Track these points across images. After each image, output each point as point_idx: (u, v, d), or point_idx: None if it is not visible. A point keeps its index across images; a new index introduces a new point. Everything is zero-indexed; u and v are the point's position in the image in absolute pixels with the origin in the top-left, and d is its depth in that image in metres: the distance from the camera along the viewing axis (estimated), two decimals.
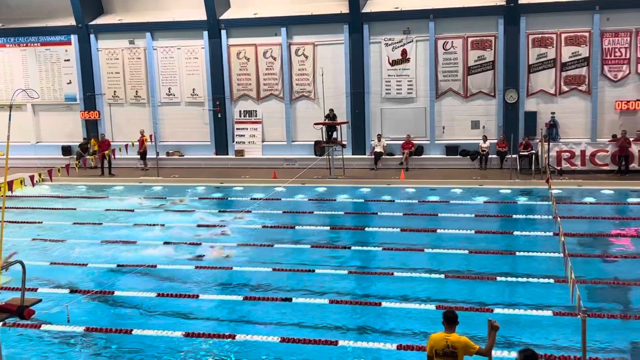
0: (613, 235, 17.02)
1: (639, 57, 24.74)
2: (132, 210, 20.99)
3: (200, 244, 16.85)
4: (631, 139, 23.73)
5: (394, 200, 21.54)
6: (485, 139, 25.88)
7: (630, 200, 20.82)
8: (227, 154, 29.42)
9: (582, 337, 8.19)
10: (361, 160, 27.33)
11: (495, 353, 8.48)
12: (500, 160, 25.59)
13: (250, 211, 19.90)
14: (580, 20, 25.16)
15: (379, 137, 27.06)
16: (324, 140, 25.91)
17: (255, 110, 29.18)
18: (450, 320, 7.83)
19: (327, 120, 25.98)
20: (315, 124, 25.88)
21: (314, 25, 27.80)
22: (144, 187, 25.17)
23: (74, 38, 30.55)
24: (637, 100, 24.73)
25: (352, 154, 27.49)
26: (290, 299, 12.94)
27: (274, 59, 28.57)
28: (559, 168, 24.15)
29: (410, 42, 26.92)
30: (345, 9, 27.28)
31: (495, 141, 25.89)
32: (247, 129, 29.30)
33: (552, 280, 13.50)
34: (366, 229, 18.42)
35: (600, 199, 21.00)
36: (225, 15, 29.00)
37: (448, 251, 15.89)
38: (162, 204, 22.13)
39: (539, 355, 7.15)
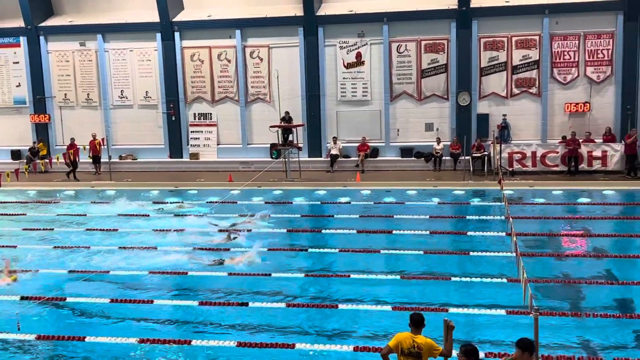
0: (563, 235, 17.39)
1: (587, 60, 25.38)
2: (85, 215, 20.61)
3: (156, 247, 16.62)
4: (580, 140, 24.32)
5: (350, 202, 21.61)
6: (439, 141, 26.21)
7: (579, 200, 21.32)
8: (182, 157, 29.11)
9: (534, 335, 8.33)
10: (317, 162, 27.37)
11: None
12: (453, 161, 25.94)
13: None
14: (530, 24, 25.69)
15: (335, 139, 27.14)
16: (280, 142, 25.86)
17: (210, 113, 28.94)
18: (416, 322, 7.95)
19: (282, 123, 25.94)
20: (271, 126, 25.82)
21: (269, 28, 27.74)
22: (96, 192, 24.71)
23: (23, 40, 29.82)
24: (586, 102, 25.36)
25: (308, 157, 27.51)
26: (246, 304, 12.85)
27: (229, 61, 28.39)
28: (510, 169, 24.59)
29: (364, 45, 27.09)
30: (299, 12, 27.30)
31: (449, 143, 26.24)
32: (202, 131, 29.05)
33: (505, 280, 13.72)
34: (323, 231, 18.43)
35: (550, 199, 21.46)
36: (178, 17, 28.71)
37: (404, 252, 16.02)
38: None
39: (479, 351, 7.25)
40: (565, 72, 25.67)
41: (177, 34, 28.51)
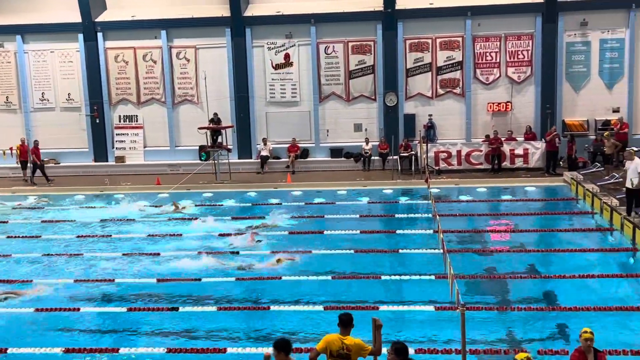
0: (488, 231, 17.88)
1: (508, 61, 26.19)
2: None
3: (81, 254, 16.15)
4: (503, 139, 25.06)
5: (281, 203, 21.59)
6: (367, 141, 26.51)
7: (503, 197, 21.99)
8: (107, 161, 28.39)
9: (461, 330, 8.54)
10: (247, 164, 27.21)
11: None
12: (382, 161, 26.29)
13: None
14: (453, 26, 26.31)
15: (265, 140, 27.06)
16: (209, 144, 25.59)
17: (136, 115, 28.35)
18: (345, 323, 7.89)
19: (211, 125, 25.67)
20: (200, 128, 25.50)
21: (195, 29, 27.40)
22: (18, 198, 23.81)
23: None
24: (507, 102, 26.16)
25: (238, 158, 27.32)
26: (177, 308, 12.66)
27: (154, 62, 27.89)
28: (437, 168, 25.12)
29: (292, 46, 27.12)
30: (226, 13, 27.08)
31: (377, 143, 26.57)
32: (127, 134, 28.42)
33: (433, 277, 14.00)
34: (261, 234, 18.30)
35: (475, 196, 22.04)
36: (101, 18, 27.99)
37: (334, 252, 16.13)
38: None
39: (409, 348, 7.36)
40: (487, 73, 26.41)
41: (100, 35, 27.80)
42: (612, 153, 23.20)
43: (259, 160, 26.85)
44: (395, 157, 25.28)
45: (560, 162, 24.74)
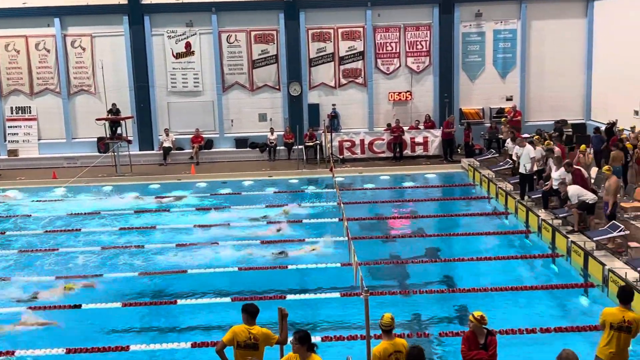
0: (391, 218, 18.29)
1: (407, 52, 26.78)
2: None
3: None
4: (404, 128, 25.64)
5: (186, 196, 21.23)
6: (272, 131, 26.45)
7: (405, 184, 22.55)
8: None
9: (365, 315, 8.73)
10: (149, 156, 26.52)
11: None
12: (287, 151, 26.33)
13: None
14: (354, 16, 26.61)
15: (167, 131, 26.46)
16: (108, 136, 24.76)
17: (29, 107, 27.02)
18: (251, 313, 7.87)
19: (110, 116, 24.85)
20: (97, 119, 24.62)
21: (91, 16, 26.35)
22: None
23: None
24: (408, 91, 26.76)
25: (140, 150, 26.57)
26: (79, 306, 12.25)
27: (48, 51, 26.64)
28: (341, 157, 25.43)
29: (193, 35, 26.61)
30: (123, 0, 26.21)
31: (282, 133, 26.58)
32: (20, 126, 27.04)
33: (339, 264, 14.21)
34: (157, 227, 17.96)
35: (379, 184, 22.49)
36: None
37: (241, 243, 16.05)
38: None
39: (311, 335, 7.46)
40: (388, 63, 26.91)
41: None
42: (507, 139, 24.21)
43: (161, 151, 26.25)
44: (300, 146, 25.38)
45: (458, 149, 25.62)
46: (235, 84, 26.91)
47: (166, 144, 26.19)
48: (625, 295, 8.43)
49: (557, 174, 16.12)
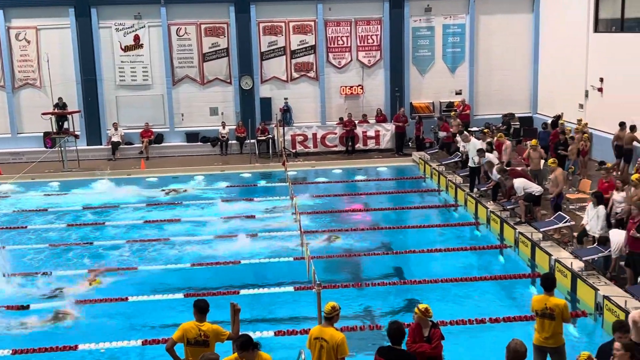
0: (344, 211, 18.37)
1: (358, 46, 26.89)
2: None
3: None
4: (356, 122, 25.77)
5: (136, 190, 20.93)
6: (224, 125, 26.25)
7: (357, 177, 22.69)
8: None
9: (318, 309, 8.77)
10: (97, 151, 26.00)
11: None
12: (240, 145, 26.16)
13: None
14: (305, 10, 26.57)
15: (116, 125, 25.98)
16: (54, 131, 24.19)
17: None
18: (201, 309, 7.81)
19: (56, 110, 24.26)
20: (43, 113, 24.00)
21: (36, 8, 25.63)
22: None
23: None
24: (359, 85, 26.89)
25: (87, 145, 26.02)
26: (27, 306, 11.96)
27: None
28: (294, 151, 25.40)
29: (142, 27, 26.16)
30: None
31: (234, 127, 26.40)
32: None
33: (292, 259, 14.22)
34: (106, 223, 17.66)
35: (331, 177, 22.57)
36: None
37: (195, 238, 15.93)
38: None
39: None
40: (339, 57, 26.98)
41: None
42: (457, 133, 24.59)
43: (110, 146, 25.78)
44: (252, 140, 25.27)
45: (409, 143, 25.89)
46: (186, 78, 26.59)
47: (115, 139, 25.73)
48: (547, 282, 8.76)
49: (495, 172, 16.56)
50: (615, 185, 13.92)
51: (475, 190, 18.12)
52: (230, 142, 26.18)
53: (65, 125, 24.28)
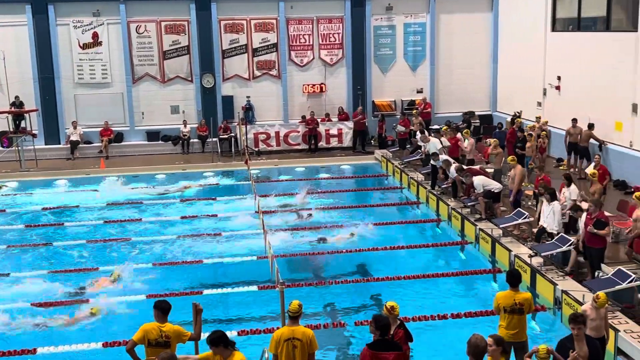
0: (307, 209, 18.32)
1: (320, 44, 26.91)
2: None
3: None
4: (318, 120, 25.80)
5: (96, 190, 20.61)
6: (185, 123, 26.00)
7: (320, 175, 22.71)
8: None
9: (281, 308, 8.76)
10: (56, 150, 25.50)
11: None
12: (201, 144, 25.95)
13: None
14: (267, 8, 26.48)
15: (74, 124, 25.53)
16: (11, 130, 23.65)
17: None
18: (163, 310, 7.74)
19: (13, 109, 23.75)
20: (0, 112, 23.47)
21: None
22: None
23: None
24: (322, 83, 26.92)
25: (45, 144, 25.51)
26: None
27: None
28: (256, 149, 25.31)
29: (101, 25, 25.75)
30: None
31: (196, 125, 26.18)
32: None
33: (255, 258, 14.18)
34: (65, 224, 17.36)
35: (294, 175, 22.56)
36: None
37: (153, 238, 15.76)
38: None
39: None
40: (302, 55, 26.95)
41: None
42: (418, 131, 24.80)
43: (69, 145, 25.32)
44: (214, 139, 25.09)
45: (372, 141, 26.03)
46: (146, 76, 26.26)
47: (73, 138, 25.29)
48: (513, 278, 8.95)
49: (452, 171, 16.81)
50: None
51: (436, 187, 18.30)
52: (191, 140, 25.94)
53: (23, 124, 23.81)
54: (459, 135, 19.88)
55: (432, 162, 18.42)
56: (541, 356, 7.36)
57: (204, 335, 7.42)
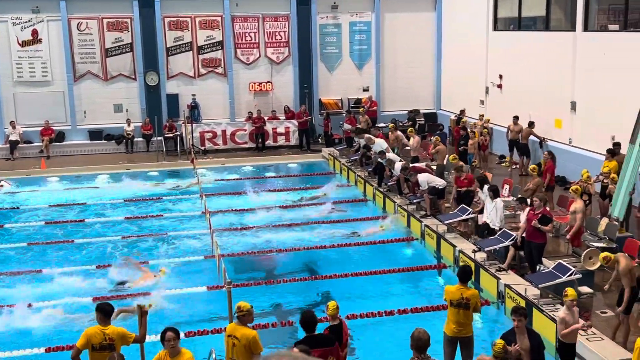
0: (254, 209, 18.20)
1: (267, 42, 26.83)
2: None
3: None
4: (265, 118, 25.72)
5: (37, 190, 20.08)
6: (129, 122, 25.55)
7: (267, 174, 22.66)
8: None
9: (228, 307, 8.74)
10: None
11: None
12: (146, 143, 25.55)
13: None
14: (212, 5, 26.24)
15: (13, 124, 24.79)
16: None
17: None
18: (105, 312, 7.66)
19: None
20: None
21: None
22: None
23: None
24: (268, 81, 26.85)
25: None
26: None
27: None
28: (203, 148, 25.06)
29: (40, 22, 25.07)
30: None
31: (140, 124, 25.76)
32: None
33: (202, 257, 14.06)
34: (6, 226, 16.87)
35: (242, 174, 22.43)
36: None
37: (99, 240, 15.47)
38: None
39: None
40: (248, 53, 26.82)
41: None
42: (366, 129, 24.99)
43: (8, 145, 24.59)
44: (159, 138, 24.74)
45: (319, 139, 26.11)
46: (88, 74, 25.70)
47: (13, 138, 24.56)
48: (464, 274, 9.18)
49: (397, 168, 17.06)
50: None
51: (383, 184, 18.50)
52: (136, 139, 25.51)
53: None
54: (417, 137, 20.24)
55: (379, 160, 18.61)
56: (496, 350, 7.55)
57: (154, 338, 7.35)
